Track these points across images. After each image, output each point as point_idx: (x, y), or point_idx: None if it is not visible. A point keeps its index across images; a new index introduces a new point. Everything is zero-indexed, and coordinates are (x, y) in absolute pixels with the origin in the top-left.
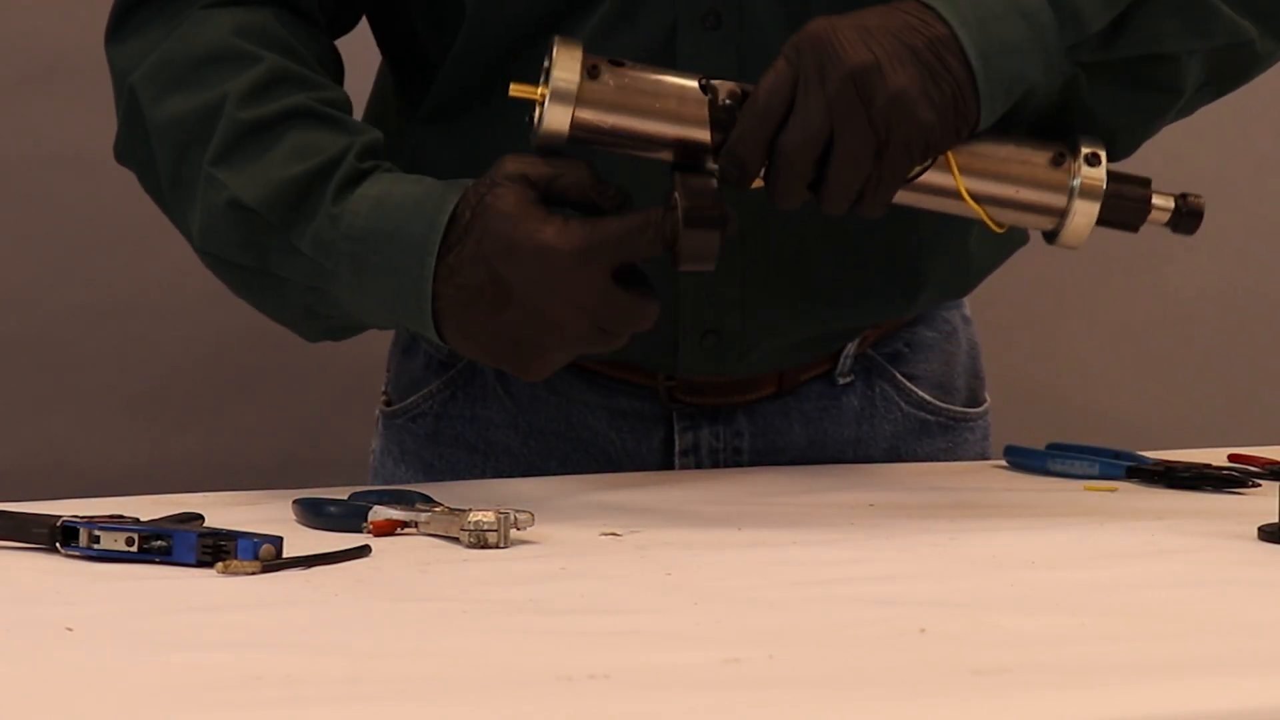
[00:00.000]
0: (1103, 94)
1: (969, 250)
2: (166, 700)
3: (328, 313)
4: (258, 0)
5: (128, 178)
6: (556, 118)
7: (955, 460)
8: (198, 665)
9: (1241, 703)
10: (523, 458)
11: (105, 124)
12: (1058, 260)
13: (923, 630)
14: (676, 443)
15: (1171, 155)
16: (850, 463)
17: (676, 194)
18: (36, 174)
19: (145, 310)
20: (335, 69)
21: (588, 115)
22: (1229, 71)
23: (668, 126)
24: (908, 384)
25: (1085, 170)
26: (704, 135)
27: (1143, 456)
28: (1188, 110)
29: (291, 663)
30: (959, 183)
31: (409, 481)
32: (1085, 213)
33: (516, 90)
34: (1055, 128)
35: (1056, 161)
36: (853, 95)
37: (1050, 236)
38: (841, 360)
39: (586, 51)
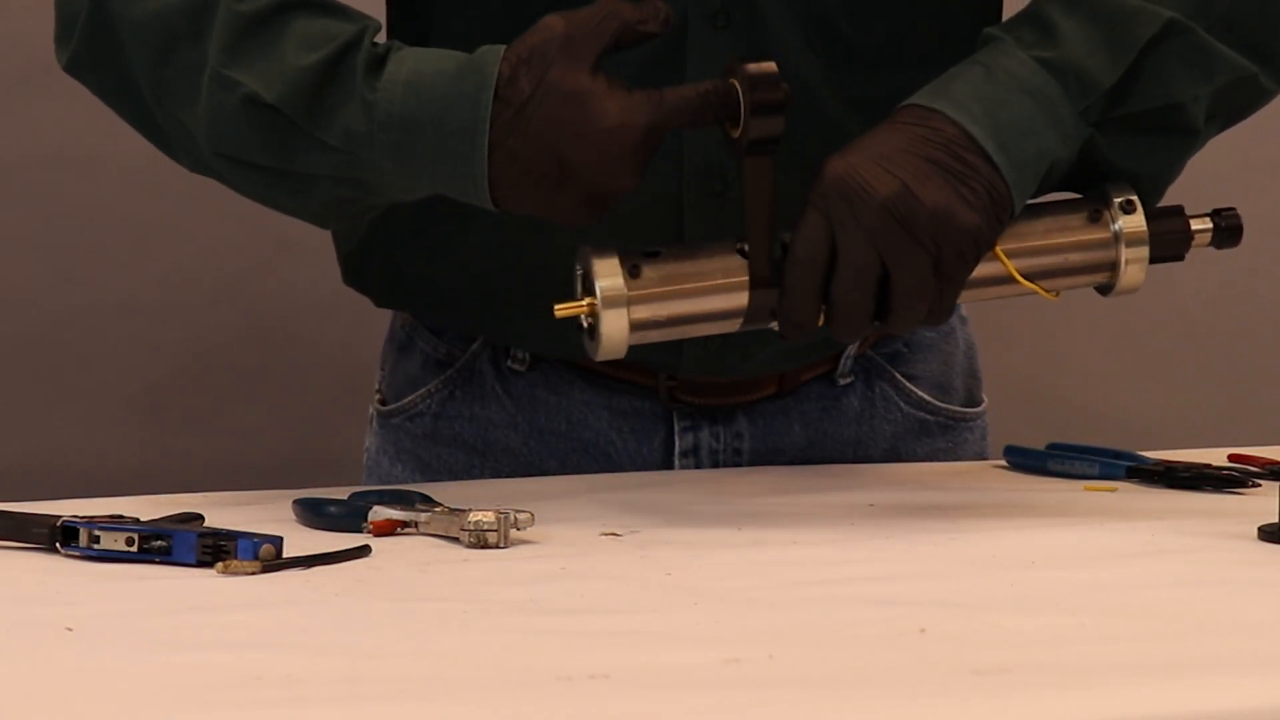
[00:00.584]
0: (1121, 147)
1: None
2: (167, 700)
3: (356, 200)
4: None
5: (128, 177)
6: (615, 324)
7: (955, 460)
8: (198, 665)
9: (1241, 703)
10: (522, 457)
11: (106, 124)
12: None
13: (923, 630)
14: (677, 443)
15: None
16: (850, 463)
17: (737, 82)
18: (36, 174)
19: (145, 310)
20: None
21: (643, 313)
22: (1235, 106)
23: (722, 299)
24: (907, 384)
25: (1124, 219)
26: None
27: (1143, 456)
28: (1202, 144)
29: (292, 663)
30: (1011, 269)
31: (406, 480)
32: (1136, 258)
33: (563, 310)
34: (1082, 186)
35: (1094, 218)
36: (892, 224)
37: (1106, 290)
38: (842, 361)
39: (620, 252)
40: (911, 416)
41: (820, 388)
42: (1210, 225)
